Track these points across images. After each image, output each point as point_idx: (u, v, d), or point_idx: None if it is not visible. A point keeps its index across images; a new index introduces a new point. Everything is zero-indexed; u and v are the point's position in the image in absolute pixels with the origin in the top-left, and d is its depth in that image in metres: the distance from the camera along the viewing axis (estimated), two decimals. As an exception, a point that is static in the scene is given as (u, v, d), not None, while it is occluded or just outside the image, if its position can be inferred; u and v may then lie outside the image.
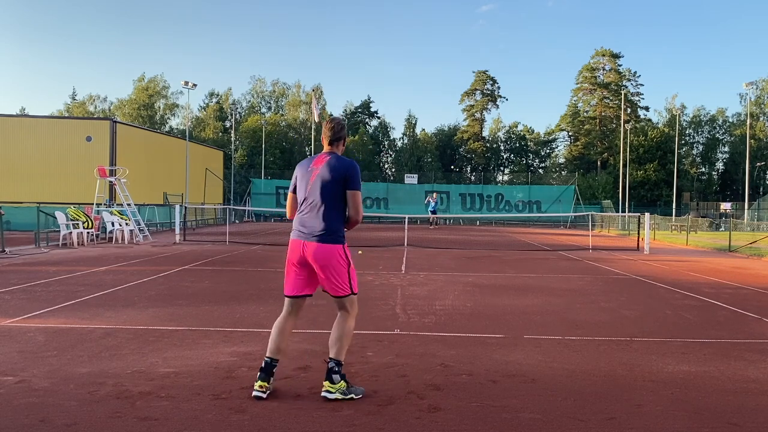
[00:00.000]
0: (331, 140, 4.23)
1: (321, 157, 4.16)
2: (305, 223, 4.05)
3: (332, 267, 4.00)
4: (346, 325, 4.09)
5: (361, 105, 70.16)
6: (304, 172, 4.14)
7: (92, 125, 31.20)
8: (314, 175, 4.06)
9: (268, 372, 3.99)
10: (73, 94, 73.72)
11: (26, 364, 4.68)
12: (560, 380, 4.51)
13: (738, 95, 73.60)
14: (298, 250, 4.05)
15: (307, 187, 4.08)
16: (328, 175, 4.02)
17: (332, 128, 4.25)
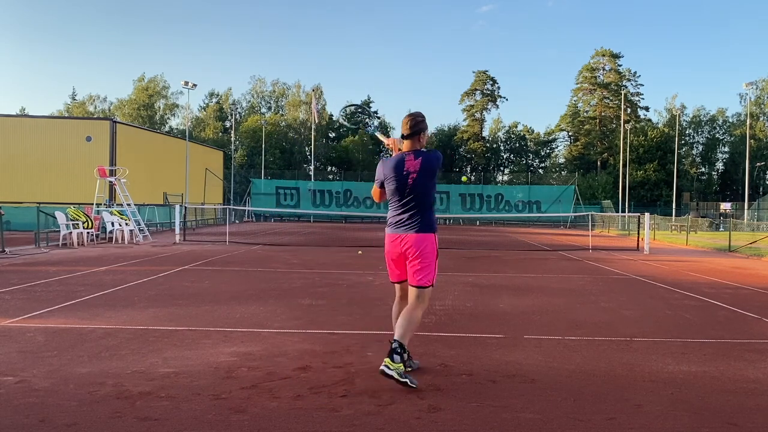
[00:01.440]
0: (411, 134, 4.34)
1: (411, 158, 4.30)
2: (404, 220, 4.35)
3: (425, 256, 4.32)
4: (414, 313, 4.30)
5: (361, 105, 70.11)
6: (399, 175, 4.29)
7: (92, 125, 31.22)
8: (412, 179, 4.28)
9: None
10: (73, 94, 73.82)
11: (26, 364, 4.68)
12: (560, 380, 4.51)
13: (738, 95, 73.73)
14: (396, 244, 4.39)
15: (406, 190, 4.30)
16: (425, 175, 4.30)
17: (408, 122, 4.35)
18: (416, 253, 4.31)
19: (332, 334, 5.93)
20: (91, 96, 71.07)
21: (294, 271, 11.31)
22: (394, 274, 4.56)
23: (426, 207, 4.37)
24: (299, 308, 7.38)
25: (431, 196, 4.41)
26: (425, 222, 4.34)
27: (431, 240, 4.36)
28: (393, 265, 4.52)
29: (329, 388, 4.20)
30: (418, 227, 4.32)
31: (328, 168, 63.82)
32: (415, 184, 4.29)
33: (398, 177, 4.31)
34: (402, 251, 4.37)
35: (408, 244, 4.34)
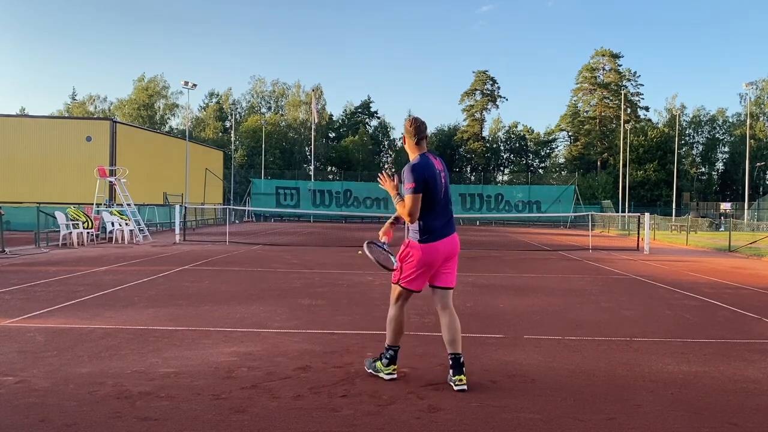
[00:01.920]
0: (420, 139, 4.35)
1: (435, 159, 4.33)
2: (449, 222, 4.36)
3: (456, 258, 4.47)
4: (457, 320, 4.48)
5: (361, 105, 70.15)
6: (435, 174, 4.26)
7: (92, 125, 31.23)
8: (444, 178, 4.32)
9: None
10: (73, 94, 73.83)
11: (26, 364, 4.68)
12: (560, 380, 4.51)
13: (738, 95, 73.74)
14: (451, 245, 4.35)
15: (442, 190, 4.30)
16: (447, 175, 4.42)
17: (419, 125, 4.36)
18: (454, 257, 4.45)
19: (332, 334, 5.93)
20: (91, 96, 71.10)
21: (294, 271, 11.31)
22: (423, 282, 4.42)
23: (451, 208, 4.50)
24: (299, 308, 7.38)
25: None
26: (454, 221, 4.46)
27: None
28: (427, 272, 4.36)
29: (329, 388, 4.21)
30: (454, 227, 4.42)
31: (328, 168, 63.83)
32: (447, 183, 4.37)
33: (438, 178, 4.28)
34: (452, 253, 4.39)
35: (457, 246, 4.42)
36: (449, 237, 4.34)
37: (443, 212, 4.32)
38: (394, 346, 4.44)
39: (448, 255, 4.36)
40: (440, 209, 4.29)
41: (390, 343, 4.44)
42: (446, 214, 4.35)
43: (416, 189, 4.13)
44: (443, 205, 4.31)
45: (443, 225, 4.31)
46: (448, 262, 4.40)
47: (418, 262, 4.27)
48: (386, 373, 4.40)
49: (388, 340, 4.45)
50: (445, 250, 4.33)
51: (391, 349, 4.44)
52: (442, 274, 4.40)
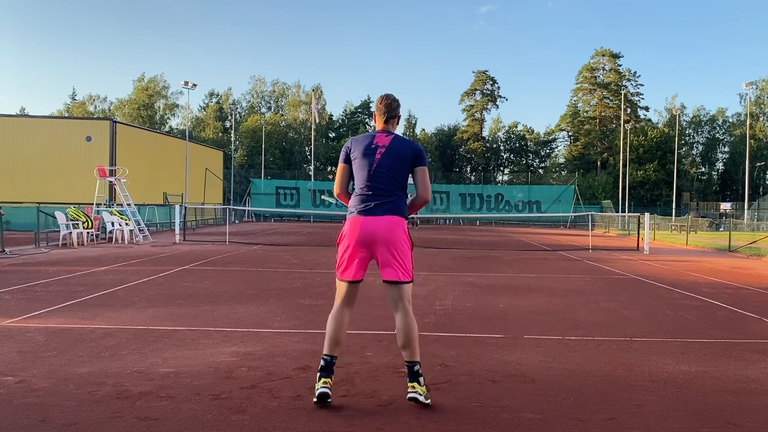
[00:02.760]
0: (387, 118, 4.04)
1: (382, 136, 3.96)
2: (369, 200, 3.86)
3: (397, 244, 3.81)
4: (411, 320, 3.88)
5: (361, 105, 70.13)
6: (367, 149, 3.91)
7: (92, 125, 31.23)
8: (380, 154, 3.89)
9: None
10: (73, 94, 73.84)
11: (26, 364, 4.68)
12: (560, 380, 4.51)
13: (738, 95, 73.70)
14: (359, 227, 3.83)
15: (373, 166, 3.87)
16: (395, 155, 3.89)
17: (388, 105, 4.03)
18: (387, 242, 3.79)
19: (332, 334, 5.92)
20: (91, 96, 71.12)
21: (294, 271, 11.31)
22: (353, 270, 3.87)
23: (397, 188, 3.91)
24: (299, 308, 7.38)
25: (401, 182, 3.93)
26: (396, 205, 3.88)
27: (402, 226, 3.88)
28: (353, 254, 3.85)
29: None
30: (387, 209, 3.84)
31: (328, 168, 63.81)
32: (383, 160, 3.87)
33: (366, 151, 3.90)
34: (379, 238, 3.80)
35: (375, 230, 3.80)
36: (376, 217, 3.81)
37: (371, 189, 3.85)
38: (326, 355, 3.85)
39: (372, 237, 3.80)
40: (367, 184, 3.87)
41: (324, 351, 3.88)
42: (377, 192, 3.85)
43: (341, 159, 4.04)
44: (373, 180, 3.85)
45: (368, 201, 3.85)
46: (382, 248, 3.80)
47: (342, 238, 3.90)
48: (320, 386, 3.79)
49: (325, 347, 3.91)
50: (366, 230, 3.81)
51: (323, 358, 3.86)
52: (382, 265, 3.85)
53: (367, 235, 3.81)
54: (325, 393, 3.77)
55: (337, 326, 3.88)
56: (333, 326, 3.88)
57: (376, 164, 3.87)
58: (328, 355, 3.85)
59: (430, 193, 4.02)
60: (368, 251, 3.86)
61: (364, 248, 3.85)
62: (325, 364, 3.83)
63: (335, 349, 3.87)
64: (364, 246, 3.84)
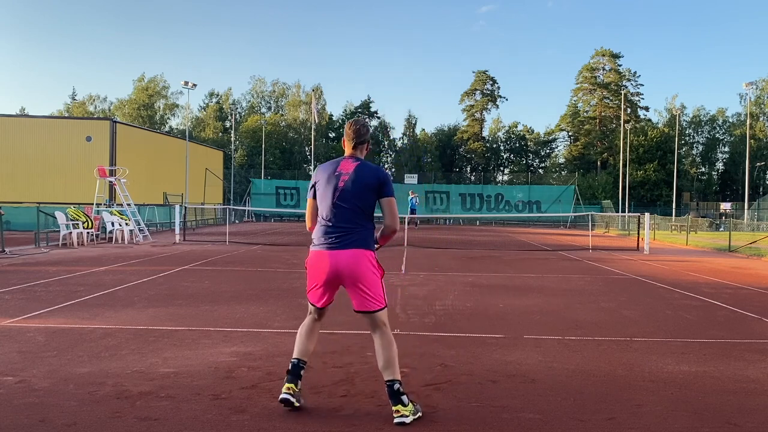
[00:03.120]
0: (356, 143, 3.89)
1: (348, 161, 3.82)
2: (332, 233, 3.72)
3: (363, 278, 3.69)
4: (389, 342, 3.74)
5: (361, 105, 70.13)
6: (330, 176, 3.77)
7: (92, 125, 31.23)
8: (343, 181, 3.72)
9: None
10: (73, 94, 73.80)
11: (26, 364, 4.68)
12: (560, 380, 4.51)
13: (738, 95, 73.64)
14: (323, 262, 3.72)
15: (335, 194, 3.72)
16: (360, 183, 3.71)
17: (357, 130, 3.88)
18: (353, 276, 3.68)
19: (332, 334, 5.92)
20: (91, 96, 71.10)
21: (294, 271, 11.31)
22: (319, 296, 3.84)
23: (362, 218, 3.74)
24: (299, 308, 7.38)
25: (366, 211, 3.75)
26: (361, 238, 3.72)
27: (368, 258, 3.73)
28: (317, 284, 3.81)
29: (329, 388, 4.21)
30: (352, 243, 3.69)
31: (328, 168, 63.72)
32: (346, 188, 3.70)
33: (329, 178, 3.76)
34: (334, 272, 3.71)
35: (340, 264, 3.68)
36: (340, 251, 3.67)
37: (334, 219, 3.72)
38: (294, 357, 3.84)
39: (337, 272, 3.69)
40: (328, 215, 3.74)
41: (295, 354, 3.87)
42: (340, 223, 3.71)
43: (309, 194, 3.92)
44: (336, 210, 3.71)
45: (331, 234, 3.72)
46: (349, 282, 3.71)
47: (307, 269, 3.85)
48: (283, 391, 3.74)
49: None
50: (327, 266, 3.69)
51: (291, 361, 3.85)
52: (352, 296, 3.78)
53: (331, 271, 3.70)
54: (286, 399, 3.70)
55: (309, 336, 3.91)
56: (304, 336, 3.91)
57: (339, 192, 3.72)
58: (296, 358, 3.83)
59: (398, 222, 3.83)
60: (335, 283, 3.80)
61: (329, 282, 3.77)
62: (291, 366, 3.81)
63: (305, 355, 3.87)
64: (330, 280, 3.76)
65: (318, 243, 3.78)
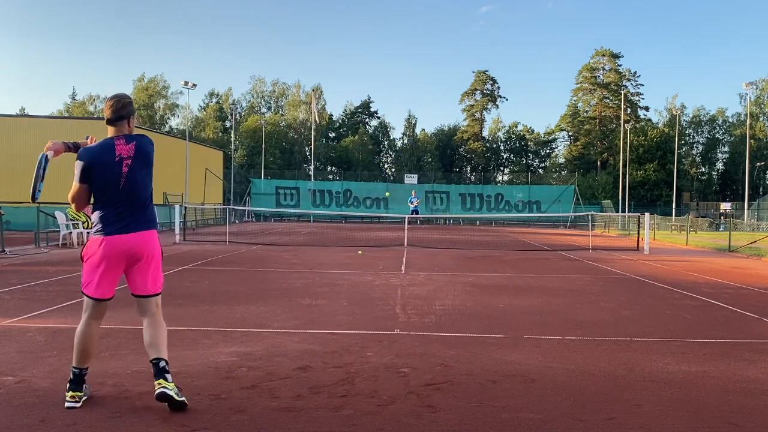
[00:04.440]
0: (117, 119, 3.75)
1: (122, 143, 3.72)
2: (136, 216, 3.76)
3: (157, 257, 3.93)
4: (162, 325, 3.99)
5: (361, 105, 70.17)
6: (110, 162, 3.68)
7: (92, 125, 31.21)
8: (127, 166, 3.69)
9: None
10: (73, 94, 73.80)
11: (26, 364, 4.68)
12: (560, 380, 4.51)
13: (738, 95, 73.63)
14: (136, 244, 3.75)
15: (122, 179, 3.68)
16: (142, 162, 3.75)
17: (113, 105, 3.74)
18: (150, 255, 3.85)
19: (332, 334, 5.92)
20: (91, 96, 71.08)
21: (294, 271, 11.31)
22: (105, 288, 3.78)
23: (147, 200, 3.84)
24: (299, 308, 7.38)
25: (150, 188, 3.87)
26: (153, 218, 3.89)
27: (157, 239, 3.92)
28: (110, 274, 3.77)
29: (329, 388, 4.20)
30: (147, 224, 3.82)
31: (328, 168, 63.84)
32: (132, 172, 3.70)
33: (109, 165, 3.67)
34: (139, 254, 3.78)
35: (145, 246, 3.80)
36: (133, 234, 3.74)
37: (124, 203, 3.72)
38: (77, 367, 3.77)
39: (131, 254, 3.76)
40: (119, 200, 3.72)
41: (74, 363, 3.79)
42: (130, 206, 3.74)
43: (80, 178, 3.73)
44: (124, 196, 3.71)
45: (124, 218, 3.73)
46: (138, 264, 3.82)
47: (98, 259, 3.71)
48: (67, 399, 3.70)
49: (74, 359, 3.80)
50: (127, 248, 3.73)
51: (73, 370, 3.78)
52: (134, 281, 3.88)
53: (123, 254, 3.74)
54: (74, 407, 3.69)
55: (89, 339, 3.80)
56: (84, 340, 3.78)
57: (125, 179, 3.70)
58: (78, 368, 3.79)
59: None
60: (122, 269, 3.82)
61: (118, 267, 3.78)
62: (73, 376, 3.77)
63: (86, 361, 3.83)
64: (119, 265, 3.77)
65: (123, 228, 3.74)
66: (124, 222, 3.73)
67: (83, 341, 3.76)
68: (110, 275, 3.78)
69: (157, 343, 3.82)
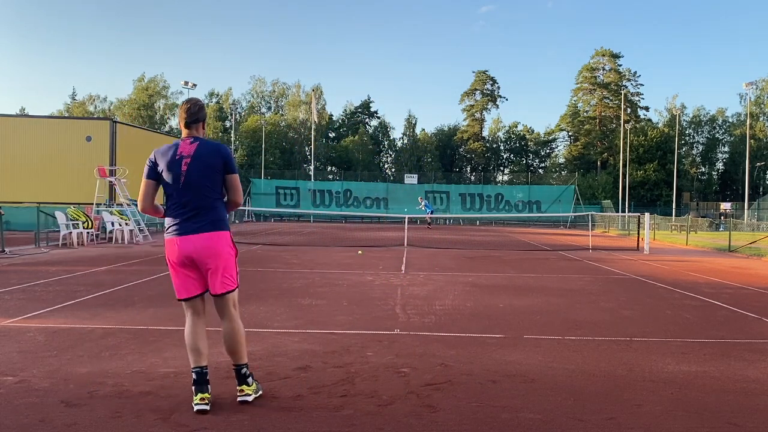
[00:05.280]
0: (188, 123, 3.86)
1: (186, 143, 3.80)
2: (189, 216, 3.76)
3: (222, 257, 3.80)
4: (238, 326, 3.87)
5: (361, 105, 70.16)
6: (172, 161, 3.74)
7: (92, 125, 31.19)
8: (186, 164, 3.73)
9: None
10: (73, 94, 73.77)
11: (26, 364, 4.68)
12: (560, 380, 4.51)
13: (738, 95, 73.65)
14: (194, 246, 3.75)
15: (181, 178, 3.73)
16: (202, 163, 3.75)
17: (188, 109, 3.86)
18: (211, 257, 3.77)
19: (332, 334, 5.93)
20: (91, 96, 71.06)
21: (294, 271, 11.31)
22: (183, 288, 3.83)
23: (212, 201, 3.80)
24: (299, 308, 7.38)
25: (217, 190, 3.82)
26: (218, 218, 3.80)
27: (226, 239, 3.84)
28: (181, 273, 3.81)
29: (329, 388, 4.21)
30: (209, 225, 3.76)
31: (328, 168, 63.82)
32: (190, 171, 3.72)
33: (171, 162, 3.73)
34: (202, 256, 3.76)
35: (195, 248, 3.75)
36: (194, 235, 3.72)
37: (182, 205, 3.75)
38: (195, 366, 3.77)
39: (195, 255, 3.74)
40: (178, 201, 3.76)
41: (192, 364, 3.80)
42: (193, 206, 3.74)
43: (146, 174, 3.82)
44: (182, 196, 3.74)
45: (187, 218, 3.75)
46: (205, 264, 3.77)
47: (168, 260, 3.81)
48: (196, 402, 3.68)
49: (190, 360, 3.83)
50: (190, 248, 3.72)
51: (194, 371, 3.76)
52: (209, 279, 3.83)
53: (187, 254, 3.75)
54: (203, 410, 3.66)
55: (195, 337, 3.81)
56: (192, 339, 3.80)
57: (184, 178, 3.73)
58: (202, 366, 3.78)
59: (241, 196, 3.96)
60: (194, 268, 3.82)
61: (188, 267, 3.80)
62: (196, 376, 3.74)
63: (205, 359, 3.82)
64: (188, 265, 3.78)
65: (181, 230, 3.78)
66: (187, 223, 3.76)
67: (190, 340, 3.81)
68: (183, 275, 3.82)
69: (236, 350, 3.84)
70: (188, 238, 3.75)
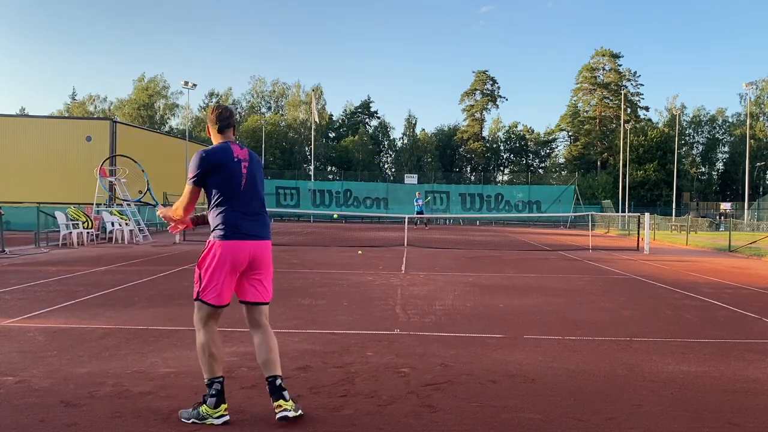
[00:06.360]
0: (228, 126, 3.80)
1: (237, 147, 3.72)
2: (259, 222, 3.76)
3: (271, 266, 3.92)
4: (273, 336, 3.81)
5: (361, 105, 70.15)
6: (231, 162, 3.63)
7: (92, 125, 31.22)
8: (245, 167, 3.66)
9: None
10: (73, 94, 73.77)
11: (26, 364, 4.68)
12: (560, 380, 4.51)
13: (738, 95, 73.63)
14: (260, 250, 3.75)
15: (242, 179, 3.65)
16: (256, 166, 3.75)
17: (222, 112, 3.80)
18: (265, 266, 3.86)
19: (332, 334, 5.93)
20: (91, 96, 71.05)
21: (294, 271, 11.31)
22: (226, 294, 3.78)
23: (264, 208, 3.84)
24: (299, 308, 7.38)
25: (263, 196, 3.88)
26: (269, 225, 3.85)
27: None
28: (232, 278, 3.74)
29: (329, 388, 4.21)
30: (269, 232, 3.82)
31: (328, 168, 63.83)
32: (250, 174, 3.68)
33: (231, 164, 3.62)
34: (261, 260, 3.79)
35: (266, 252, 3.80)
36: (258, 241, 3.72)
37: (248, 207, 3.69)
38: (215, 378, 3.65)
39: (254, 261, 3.74)
40: (242, 201, 3.66)
41: (209, 375, 3.65)
42: (253, 210, 3.71)
43: (195, 181, 3.67)
44: (248, 198, 3.68)
45: (250, 222, 3.69)
46: (256, 270, 3.79)
47: (221, 264, 3.63)
48: (217, 416, 3.54)
49: (206, 372, 3.66)
50: (252, 254, 3.70)
51: (215, 383, 3.62)
52: (251, 286, 3.82)
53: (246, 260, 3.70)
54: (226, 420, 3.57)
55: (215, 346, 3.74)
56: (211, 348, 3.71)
57: (245, 180, 3.67)
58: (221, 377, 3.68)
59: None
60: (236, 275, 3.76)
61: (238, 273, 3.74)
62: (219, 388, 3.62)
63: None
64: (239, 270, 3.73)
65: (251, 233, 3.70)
66: (250, 226, 3.69)
67: (216, 350, 3.68)
68: (230, 281, 3.72)
69: (271, 360, 3.68)
70: (259, 243, 3.73)
